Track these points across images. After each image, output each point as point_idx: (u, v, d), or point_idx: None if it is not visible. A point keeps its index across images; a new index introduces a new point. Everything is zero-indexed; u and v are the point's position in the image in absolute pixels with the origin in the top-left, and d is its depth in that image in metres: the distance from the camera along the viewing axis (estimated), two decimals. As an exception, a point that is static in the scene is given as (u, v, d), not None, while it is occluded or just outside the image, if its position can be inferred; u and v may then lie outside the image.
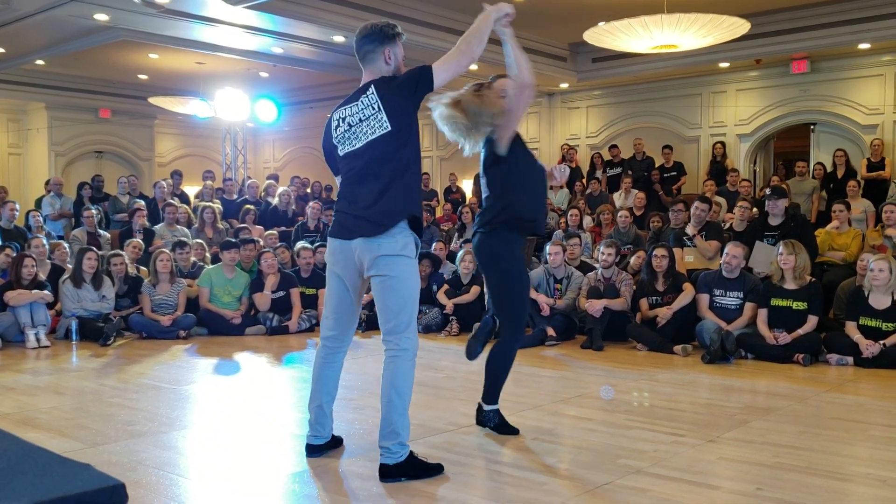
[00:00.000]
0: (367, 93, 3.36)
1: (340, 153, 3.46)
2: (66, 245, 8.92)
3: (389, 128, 3.30)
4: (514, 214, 3.87)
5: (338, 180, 3.58)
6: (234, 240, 8.82)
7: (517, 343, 4.00)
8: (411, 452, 3.35)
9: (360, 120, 3.36)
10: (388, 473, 3.29)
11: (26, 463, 2.34)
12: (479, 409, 4.09)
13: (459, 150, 3.89)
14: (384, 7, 10.46)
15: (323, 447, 3.66)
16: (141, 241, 9.25)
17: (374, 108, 3.32)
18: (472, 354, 4.14)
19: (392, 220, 3.29)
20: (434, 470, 3.37)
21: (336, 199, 3.57)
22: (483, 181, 3.96)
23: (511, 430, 4.01)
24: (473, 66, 12.23)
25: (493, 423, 4.03)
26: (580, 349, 6.96)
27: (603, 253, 7.39)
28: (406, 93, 3.31)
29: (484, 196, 3.96)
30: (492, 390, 4.03)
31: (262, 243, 9.21)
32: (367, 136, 3.34)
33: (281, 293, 8.29)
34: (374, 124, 3.32)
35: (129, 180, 12.10)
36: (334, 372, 3.62)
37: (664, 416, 4.51)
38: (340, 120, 3.44)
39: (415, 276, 3.38)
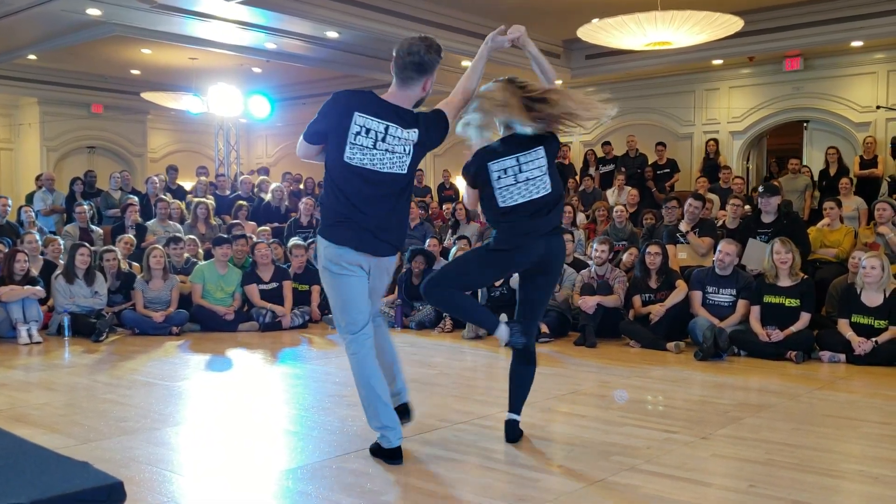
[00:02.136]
0: (408, 127, 3.42)
1: (354, 161, 3.39)
2: (60, 240, 8.89)
3: (405, 171, 3.48)
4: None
5: (311, 150, 3.53)
6: (226, 235, 8.80)
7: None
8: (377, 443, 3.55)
9: (389, 147, 3.40)
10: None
11: (24, 461, 2.32)
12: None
13: (467, 146, 3.79)
14: (377, 3, 10.44)
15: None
16: (133, 237, 9.22)
17: (404, 148, 3.43)
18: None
19: (400, 243, 3.64)
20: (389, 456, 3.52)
21: (330, 196, 3.49)
22: (546, 178, 3.67)
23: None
24: (467, 63, 12.27)
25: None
26: (573, 346, 6.97)
27: (596, 250, 7.40)
28: (430, 145, 3.54)
29: (543, 194, 3.66)
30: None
31: (254, 238, 9.19)
32: (390, 167, 3.43)
33: (274, 284, 8.29)
34: (396, 160, 3.44)
35: (121, 176, 12.07)
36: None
37: (657, 412, 4.53)
38: (365, 129, 3.38)
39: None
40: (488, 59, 3.77)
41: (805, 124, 13.22)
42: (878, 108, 11.78)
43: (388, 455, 3.48)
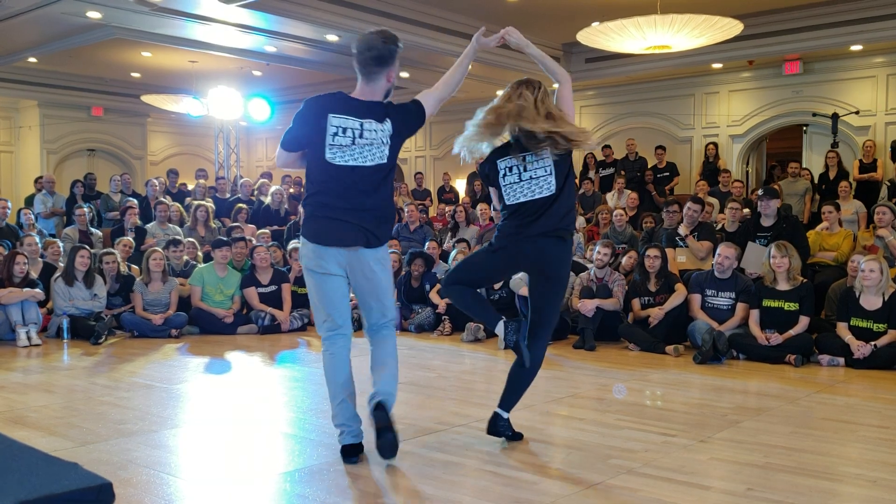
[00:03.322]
0: (382, 125, 3.49)
1: (335, 160, 3.47)
2: (59, 243, 8.89)
3: (385, 160, 3.52)
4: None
5: (292, 157, 3.62)
6: (225, 238, 8.80)
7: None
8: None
9: (367, 142, 3.47)
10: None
11: (13, 462, 2.32)
12: (497, 416, 3.90)
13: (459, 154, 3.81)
14: (377, 6, 10.45)
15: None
16: (131, 240, 9.23)
17: (381, 141, 3.49)
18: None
19: (387, 236, 3.62)
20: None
21: (312, 198, 3.54)
22: (555, 182, 3.70)
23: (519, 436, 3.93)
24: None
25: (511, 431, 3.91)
26: (572, 349, 6.97)
27: (599, 252, 7.40)
28: (407, 133, 3.60)
29: (547, 195, 3.67)
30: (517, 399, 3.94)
31: (253, 241, 9.19)
32: (365, 161, 3.48)
33: (273, 287, 8.29)
34: (376, 152, 3.49)
35: (122, 178, 12.06)
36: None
37: (655, 416, 4.52)
38: (341, 129, 3.47)
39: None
40: (473, 58, 3.82)
41: (805, 128, 13.23)
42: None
43: (342, 452, 3.58)
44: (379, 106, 3.54)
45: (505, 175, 3.71)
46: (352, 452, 3.56)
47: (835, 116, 11.68)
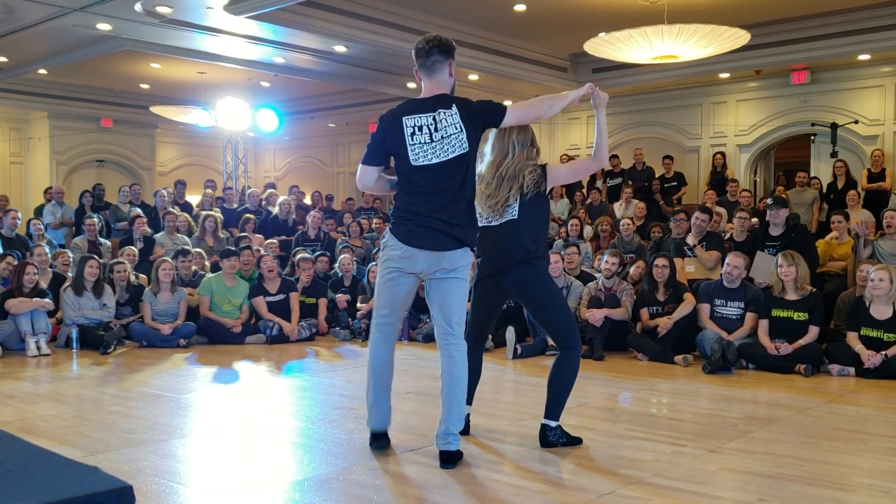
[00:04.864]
0: (451, 111, 3.56)
1: (415, 161, 3.56)
2: (69, 253, 8.92)
3: (467, 149, 3.55)
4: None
5: (371, 172, 3.71)
6: (233, 248, 8.82)
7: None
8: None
9: (444, 137, 3.54)
10: (455, 459, 3.61)
11: (35, 465, 2.34)
12: (546, 428, 3.99)
13: None
14: (385, 17, 10.50)
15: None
16: (135, 249, 9.26)
17: (457, 129, 3.54)
18: None
19: (468, 239, 3.62)
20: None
21: (401, 203, 3.65)
22: (525, 212, 3.88)
23: (575, 441, 4.00)
24: (474, 77, 12.33)
25: (565, 438, 3.98)
26: (581, 359, 6.94)
27: (607, 262, 7.39)
28: (481, 122, 3.60)
29: (528, 227, 3.88)
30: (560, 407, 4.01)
31: (261, 251, 9.21)
32: (448, 154, 3.54)
33: (281, 296, 8.31)
34: (455, 143, 3.53)
35: (131, 189, 12.11)
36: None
37: (665, 425, 4.50)
38: (417, 128, 3.56)
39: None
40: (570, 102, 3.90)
41: (812, 137, 13.21)
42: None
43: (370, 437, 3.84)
44: (445, 97, 3.62)
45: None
46: (374, 437, 3.81)
47: (834, 126, 11.65)
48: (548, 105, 3.77)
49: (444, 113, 3.55)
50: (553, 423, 3.97)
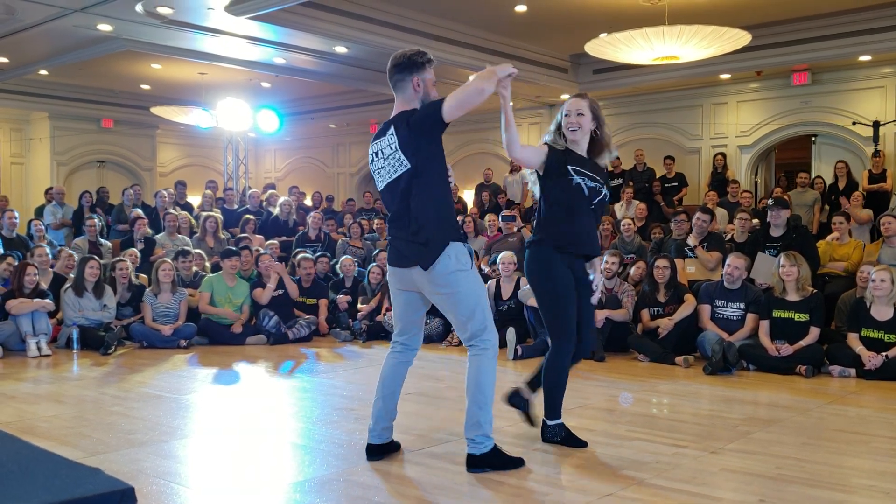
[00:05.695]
0: (390, 130, 3.56)
1: (379, 186, 3.66)
2: (74, 254, 8.90)
3: (408, 165, 3.49)
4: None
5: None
6: (234, 248, 8.83)
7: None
8: (495, 445, 3.53)
9: (387, 157, 3.56)
10: (474, 463, 3.51)
11: (36, 466, 2.34)
12: (543, 425, 4.06)
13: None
14: (385, 18, 10.50)
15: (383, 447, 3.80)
16: (137, 251, 9.26)
17: (392, 149, 3.53)
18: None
19: (436, 250, 3.48)
20: (516, 462, 3.57)
21: (388, 226, 3.75)
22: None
23: (579, 443, 3.98)
24: (474, 78, 12.31)
25: (560, 436, 4.00)
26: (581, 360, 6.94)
27: (606, 262, 7.38)
28: (419, 131, 3.47)
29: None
30: (551, 405, 4.02)
31: (260, 250, 9.21)
32: (391, 175, 3.55)
33: (280, 291, 8.33)
34: (395, 163, 3.53)
35: (133, 191, 12.10)
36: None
37: (666, 426, 4.50)
38: (375, 154, 3.64)
39: (474, 283, 3.56)
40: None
41: (813, 138, 13.20)
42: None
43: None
44: (398, 115, 3.58)
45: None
46: (369, 450, 3.76)
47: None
48: (484, 82, 3.38)
49: (389, 133, 3.55)
50: (550, 422, 3.99)
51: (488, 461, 3.50)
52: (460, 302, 3.52)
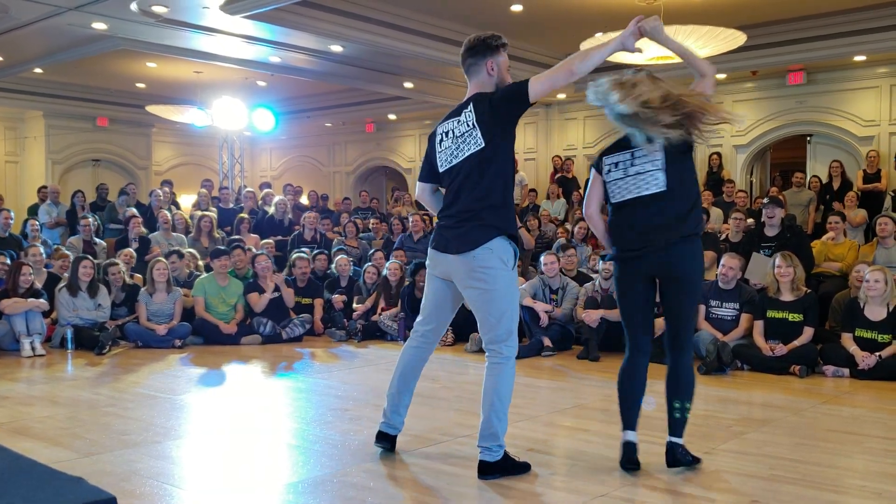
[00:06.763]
0: (467, 109, 3.52)
1: (441, 168, 3.60)
2: (70, 254, 8.87)
3: (482, 145, 3.44)
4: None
5: (422, 189, 3.77)
6: (223, 248, 8.79)
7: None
8: (506, 452, 3.51)
9: (459, 136, 3.52)
10: (487, 470, 3.47)
11: (19, 476, 2.33)
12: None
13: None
14: (380, 17, 10.49)
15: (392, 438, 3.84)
16: (133, 251, 9.23)
17: (468, 125, 3.49)
18: None
19: (486, 236, 3.41)
20: (523, 468, 3.55)
21: (439, 211, 3.68)
22: (660, 174, 3.61)
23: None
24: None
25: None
26: (576, 359, 6.96)
27: (604, 263, 7.38)
28: (502, 108, 3.45)
29: (655, 191, 3.57)
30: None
31: (253, 250, 9.18)
32: (460, 155, 3.51)
33: (276, 294, 8.31)
34: (470, 141, 3.48)
35: (129, 190, 12.06)
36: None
37: (660, 427, 4.49)
38: (444, 134, 3.60)
39: (512, 285, 3.51)
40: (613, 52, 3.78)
41: (808, 138, 13.23)
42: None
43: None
44: (471, 98, 3.54)
45: (609, 171, 3.73)
46: (378, 437, 3.80)
47: None
48: (578, 62, 3.46)
49: (465, 113, 3.51)
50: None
51: (500, 467, 3.47)
52: (493, 301, 3.43)
